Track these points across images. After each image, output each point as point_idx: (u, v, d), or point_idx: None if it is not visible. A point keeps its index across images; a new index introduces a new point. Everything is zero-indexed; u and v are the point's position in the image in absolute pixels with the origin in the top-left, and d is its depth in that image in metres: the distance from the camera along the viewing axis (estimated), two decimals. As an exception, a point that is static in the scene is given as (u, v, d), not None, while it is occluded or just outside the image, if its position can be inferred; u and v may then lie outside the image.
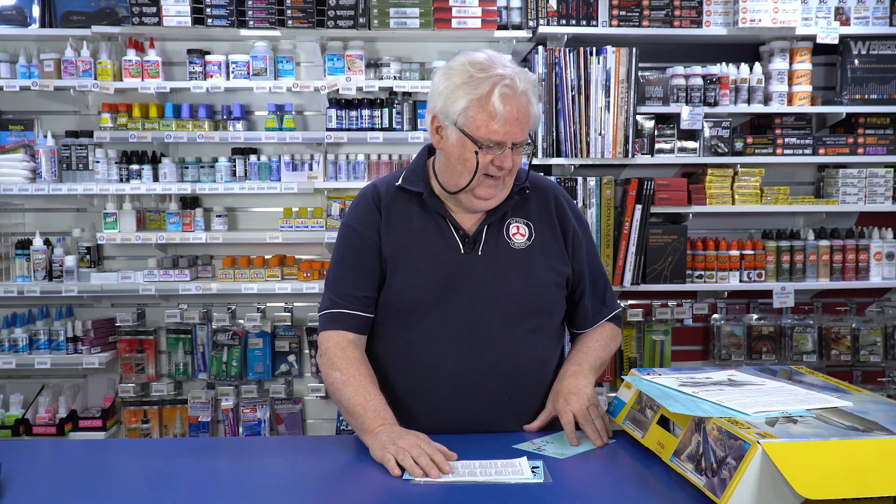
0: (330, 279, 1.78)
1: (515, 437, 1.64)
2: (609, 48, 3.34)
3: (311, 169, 3.49)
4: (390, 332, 1.75)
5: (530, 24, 3.37)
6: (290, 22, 3.33)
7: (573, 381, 1.69)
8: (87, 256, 3.49)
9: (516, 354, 1.71)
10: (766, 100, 3.51)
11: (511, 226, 1.76)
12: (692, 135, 3.48)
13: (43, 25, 3.45)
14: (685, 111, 3.40)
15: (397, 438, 1.49)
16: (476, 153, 1.63)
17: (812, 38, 3.43)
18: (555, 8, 3.34)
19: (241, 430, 3.56)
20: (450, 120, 1.65)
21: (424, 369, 1.70)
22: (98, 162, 3.44)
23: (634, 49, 3.34)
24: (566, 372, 1.74)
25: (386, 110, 3.46)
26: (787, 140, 3.51)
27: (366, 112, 3.46)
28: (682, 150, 3.49)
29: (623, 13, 3.37)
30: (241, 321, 3.62)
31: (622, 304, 3.65)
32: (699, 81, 3.43)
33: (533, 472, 1.41)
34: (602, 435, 1.59)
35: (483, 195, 1.69)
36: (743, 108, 3.49)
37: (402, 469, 1.43)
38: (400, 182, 1.77)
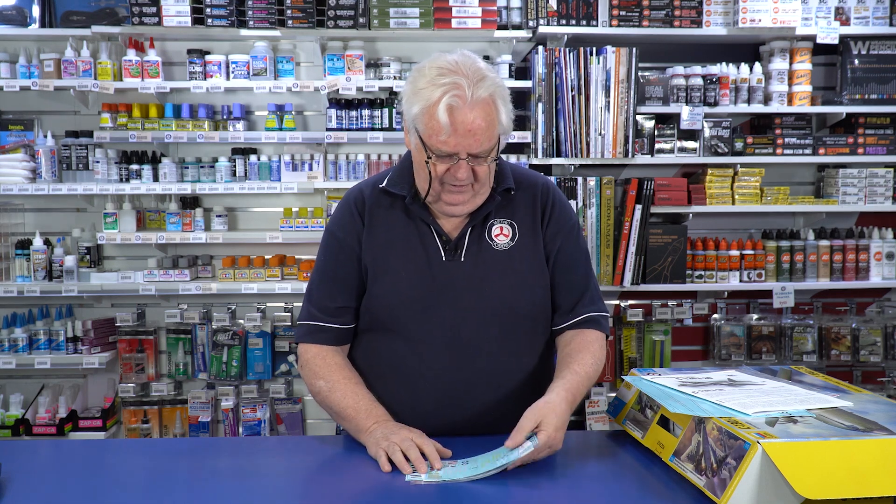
0: (310, 287, 1.75)
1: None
2: (609, 48, 3.34)
3: (311, 169, 3.49)
4: (371, 340, 1.72)
5: (530, 24, 3.37)
6: (290, 22, 3.33)
7: (554, 406, 1.51)
8: (87, 256, 3.49)
9: (500, 362, 1.66)
10: (766, 100, 3.51)
11: (494, 227, 1.68)
12: (692, 135, 3.48)
13: (43, 25, 3.45)
14: (685, 111, 3.40)
15: (390, 434, 1.50)
16: (427, 162, 1.56)
17: (812, 38, 3.43)
18: (555, 8, 3.34)
19: (241, 430, 3.56)
20: (410, 123, 1.60)
21: (406, 378, 1.67)
22: (98, 162, 3.44)
23: (634, 49, 3.34)
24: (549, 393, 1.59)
25: (386, 110, 3.46)
26: (787, 140, 3.51)
27: (366, 112, 3.46)
28: (682, 150, 3.48)
29: (623, 13, 3.37)
30: (241, 321, 3.62)
31: (622, 304, 3.65)
32: (699, 81, 3.43)
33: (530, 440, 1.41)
34: (532, 454, 1.42)
35: (449, 201, 1.61)
36: (743, 108, 3.49)
37: (394, 466, 1.43)
38: (384, 184, 1.71)
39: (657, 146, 3.47)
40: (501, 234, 1.68)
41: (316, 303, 1.72)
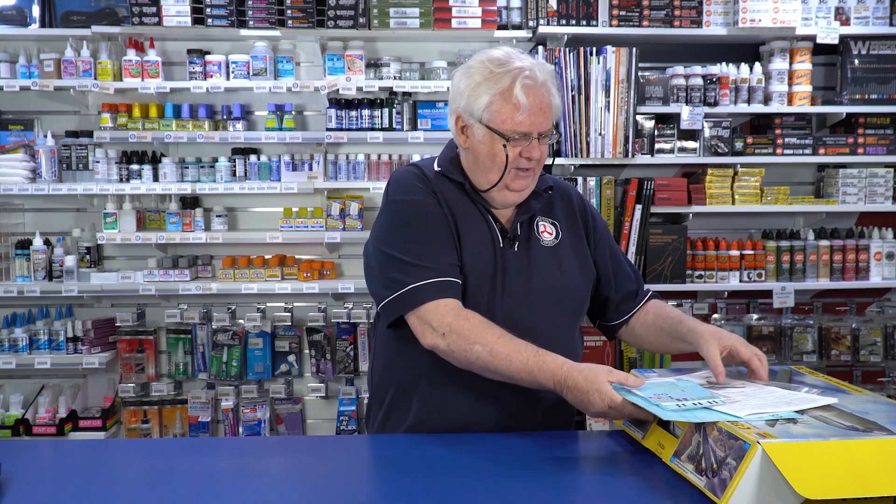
0: (414, 254, 1.63)
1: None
2: (609, 48, 3.34)
3: (311, 169, 3.49)
4: None
5: (530, 24, 3.37)
6: (290, 22, 3.33)
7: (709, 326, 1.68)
8: (87, 256, 3.49)
9: (544, 341, 1.67)
10: (766, 100, 3.51)
11: (539, 224, 1.80)
12: (692, 135, 3.48)
13: (43, 25, 3.45)
14: (685, 111, 3.40)
15: (588, 406, 1.48)
16: (504, 147, 1.66)
17: (812, 38, 3.43)
18: (555, 8, 3.34)
19: (241, 430, 3.56)
20: (475, 118, 1.68)
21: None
22: (98, 162, 3.44)
23: (634, 49, 3.34)
24: (692, 323, 1.72)
25: (386, 110, 3.46)
26: (787, 140, 3.51)
27: (366, 112, 3.46)
28: (682, 150, 3.49)
29: (623, 13, 3.37)
30: (241, 321, 3.62)
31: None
32: (699, 81, 3.43)
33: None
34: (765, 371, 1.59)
35: (517, 187, 1.71)
36: (743, 108, 3.49)
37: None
38: (439, 168, 1.76)
39: (657, 146, 3.47)
40: (546, 231, 1.80)
41: (432, 261, 1.63)
